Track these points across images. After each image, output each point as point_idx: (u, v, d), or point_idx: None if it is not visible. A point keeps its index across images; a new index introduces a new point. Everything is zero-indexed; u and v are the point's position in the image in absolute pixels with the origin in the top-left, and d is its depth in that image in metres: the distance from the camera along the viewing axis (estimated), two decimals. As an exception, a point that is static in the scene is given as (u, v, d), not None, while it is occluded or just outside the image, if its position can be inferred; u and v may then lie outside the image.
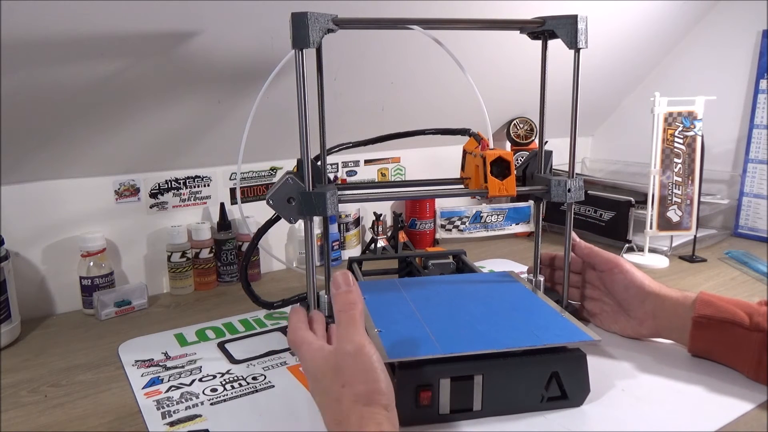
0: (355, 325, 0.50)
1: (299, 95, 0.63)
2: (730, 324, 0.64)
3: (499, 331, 0.61)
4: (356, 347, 0.48)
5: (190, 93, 0.87)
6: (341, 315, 0.51)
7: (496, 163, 0.70)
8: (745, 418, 0.58)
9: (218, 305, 0.92)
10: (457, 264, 0.91)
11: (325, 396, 0.49)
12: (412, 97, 1.11)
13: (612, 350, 0.72)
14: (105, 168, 0.91)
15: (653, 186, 1.06)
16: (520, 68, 1.13)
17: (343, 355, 0.49)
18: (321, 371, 0.51)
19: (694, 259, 1.10)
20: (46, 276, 0.89)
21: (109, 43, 0.72)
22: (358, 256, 0.98)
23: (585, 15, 0.68)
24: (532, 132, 1.32)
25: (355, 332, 0.50)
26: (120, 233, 0.94)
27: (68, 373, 0.70)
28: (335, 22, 0.64)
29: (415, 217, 1.21)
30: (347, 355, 0.49)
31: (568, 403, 0.59)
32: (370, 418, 0.44)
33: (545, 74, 0.76)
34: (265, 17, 0.79)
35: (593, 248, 0.77)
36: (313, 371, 0.52)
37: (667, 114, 1.05)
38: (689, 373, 0.66)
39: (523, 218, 1.27)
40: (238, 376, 0.67)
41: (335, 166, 1.15)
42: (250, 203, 1.06)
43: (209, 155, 0.99)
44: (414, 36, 0.71)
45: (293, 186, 0.67)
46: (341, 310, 0.51)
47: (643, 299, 0.72)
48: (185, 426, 0.57)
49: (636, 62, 1.37)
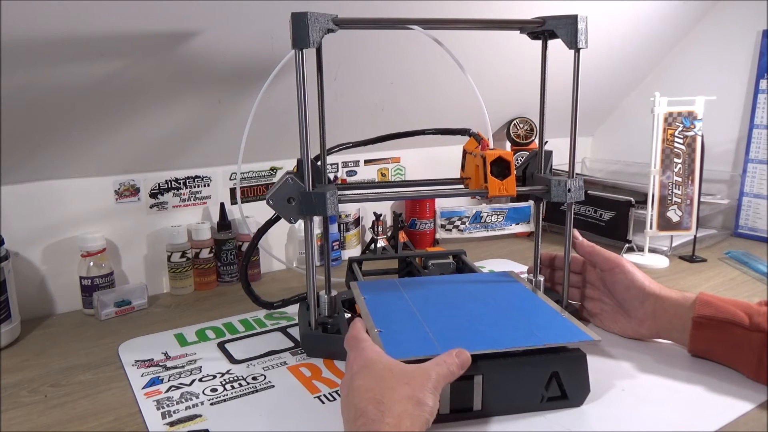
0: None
1: (299, 95, 0.63)
2: (730, 324, 0.64)
3: (499, 331, 0.61)
4: (428, 374, 0.51)
5: (190, 93, 0.87)
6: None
7: (496, 163, 0.70)
8: (745, 418, 0.58)
9: (218, 305, 0.92)
10: (457, 264, 0.91)
11: (378, 381, 0.50)
12: (412, 97, 1.11)
13: (612, 350, 0.72)
14: (105, 168, 0.91)
15: (653, 186, 1.06)
16: (520, 68, 1.13)
17: (418, 368, 0.52)
18: (387, 363, 0.52)
19: (694, 259, 1.10)
20: (46, 276, 0.89)
21: (109, 43, 0.72)
22: (358, 256, 0.98)
23: (585, 15, 0.68)
24: (532, 132, 1.32)
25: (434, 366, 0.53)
26: (120, 233, 0.94)
27: (68, 373, 0.70)
28: (335, 22, 0.64)
29: (415, 217, 1.21)
30: (422, 369, 0.52)
31: (568, 403, 0.59)
32: (409, 415, 0.46)
33: (545, 74, 0.76)
34: (265, 17, 0.79)
35: (595, 247, 0.77)
36: (375, 359, 0.53)
37: (667, 114, 1.05)
38: (689, 373, 0.66)
39: (523, 218, 1.27)
40: (238, 376, 0.67)
41: (335, 166, 1.15)
42: (250, 203, 1.06)
43: (209, 155, 0.99)
44: (414, 36, 0.71)
45: (293, 186, 0.67)
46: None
47: (643, 300, 0.72)
48: (185, 426, 0.57)
49: (636, 62, 1.37)
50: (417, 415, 0.47)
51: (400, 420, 0.45)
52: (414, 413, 0.47)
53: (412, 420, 0.46)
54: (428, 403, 0.48)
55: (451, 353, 0.54)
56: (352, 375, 0.52)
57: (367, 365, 0.53)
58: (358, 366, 0.53)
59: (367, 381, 0.50)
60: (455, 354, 0.54)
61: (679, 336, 0.70)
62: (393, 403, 0.47)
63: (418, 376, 0.50)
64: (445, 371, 0.52)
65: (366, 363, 0.53)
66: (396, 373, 0.51)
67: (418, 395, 0.48)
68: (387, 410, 0.46)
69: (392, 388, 0.49)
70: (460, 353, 0.54)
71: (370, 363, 0.53)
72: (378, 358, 0.54)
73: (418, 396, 0.48)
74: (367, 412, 0.46)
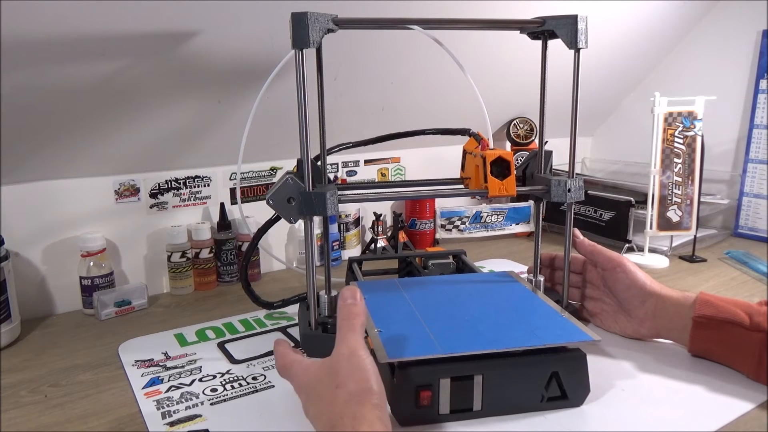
0: (353, 332, 0.52)
1: (299, 95, 0.63)
2: (730, 324, 0.64)
3: (499, 331, 0.61)
4: (351, 350, 0.51)
5: (190, 93, 0.87)
6: (343, 323, 0.53)
7: (496, 163, 0.70)
8: (745, 418, 0.58)
9: (218, 305, 0.92)
10: (457, 264, 0.91)
11: (319, 402, 0.49)
12: (412, 97, 1.11)
13: (612, 350, 0.72)
14: (105, 168, 0.91)
15: (653, 186, 1.06)
16: (520, 68, 1.13)
17: (338, 358, 0.51)
18: (316, 378, 0.51)
19: (694, 259, 1.10)
20: (46, 276, 0.89)
21: (109, 43, 0.72)
22: (358, 256, 0.98)
23: (585, 15, 0.68)
24: (532, 132, 1.32)
25: (352, 338, 0.52)
26: (120, 233, 0.94)
27: (68, 373, 0.70)
28: (335, 22, 0.64)
29: (415, 217, 1.21)
30: (342, 356, 0.50)
31: (568, 403, 0.59)
32: (362, 418, 0.45)
33: (545, 74, 0.76)
34: (265, 17, 0.79)
35: (596, 246, 0.77)
36: (307, 383, 0.52)
37: (667, 114, 1.05)
38: (689, 373, 0.66)
39: (523, 218, 1.27)
40: (238, 376, 0.67)
41: (335, 166, 1.15)
42: (250, 203, 1.06)
43: (209, 155, 0.99)
44: (414, 36, 0.71)
45: (293, 186, 0.67)
46: (344, 318, 0.54)
47: (643, 299, 0.72)
48: (185, 426, 0.57)
49: (636, 62, 1.37)
50: (365, 413, 0.45)
51: (359, 428, 0.44)
52: (361, 414, 0.45)
53: (365, 422, 0.45)
54: (365, 387, 0.47)
55: (342, 302, 0.55)
56: (305, 408, 0.52)
57: (305, 391, 0.52)
58: (302, 396, 0.53)
59: (314, 408, 0.50)
60: (345, 297, 0.55)
61: (679, 336, 0.70)
62: (341, 417, 0.45)
63: (336, 366, 0.50)
64: (348, 326, 0.52)
65: (302, 389, 0.53)
66: (325, 382, 0.49)
67: (352, 389, 0.47)
68: (341, 429, 0.45)
69: (332, 402, 0.47)
70: (344, 291, 0.55)
71: (305, 388, 0.52)
72: (306, 377, 0.53)
73: (352, 389, 0.47)
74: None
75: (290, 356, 0.57)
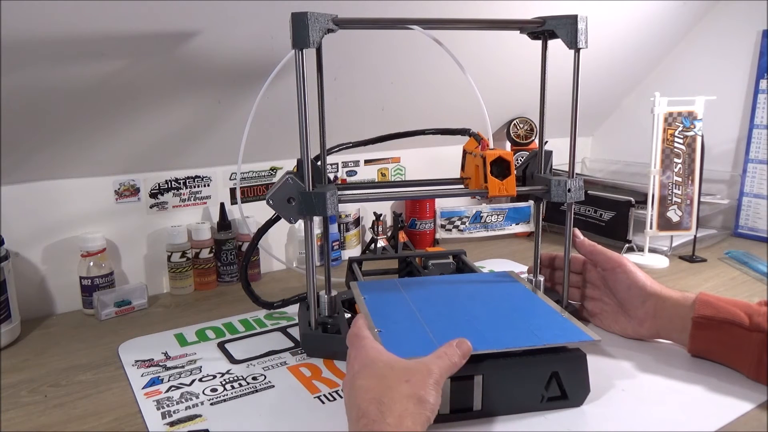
0: (441, 362, 0.53)
1: (299, 95, 0.63)
2: (730, 324, 0.64)
3: (499, 331, 0.61)
4: (436, 376, 0.51)
5: (190, 93, 0.87)
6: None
7: (496, 163, 0.70)
8: (745, 418, 0.58)
9: (218, 305, 0.92)
10: (457, 264, 0.91)
11: (378, 381, 0.50)
12: (412, 97, 1.11)
13: (612, 350, 0.72)
14: (105, 168, 0.91)
15: (653, 186, 1.06)
16: (520, 68, 1.13)
17: (420, 367, 0.51)
18: (388, 362, 0.52)
19: (694, 259, 1.10)
20: (46, 276, 0.89)
21: (109, 43, 0.72)
22: (358, 256, 0.98)
23: (585, 15, 0.68)
24: (532, 132, 1.32)
25: (438, 367, 0.52)
26: (120, 233, 0.94)
27: (68, 373, 0.70)
28: (335, 22, 0.64)
29: (415, 217, 1.21)
30: (425, 367, 0.51)
31: (568, 403, 0.59)
32: (410, 416, 0.46)
33: (545, 74, 0.76)
34: (265, 17, 0.79)
35: (597, 246, 0.77)
36: (375, 359, 0.53)
37: (667, 114, 1.05)
38: (689, 373, 0.66)
39: (523, 218, 1.27)
40: (238, 376, 0.67)
41: (335, 166, 1.15)
42: (250, 203, 1.06)
43: (209, 155, 0.99)
44: (414, 36, 0.71)
45: (293, 186, 0.67)
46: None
47: (644, 300, 0.72)
48: (185, 426, 0.57)
49: (636, 62, 1.37)
50: (418, 413, 0.47)
51: (401, 420, 0.46)
52: (415, 412, 0.47)
53: (413, 419, 0.46)
54: (429, 400, 0.48)
55: (452, 344, 0.54)
56: (354, 374, 0.52)
57: (367, 364, 0.53)
58: (359, 365, 0.53)
59: (368, 381, 0.50)
60: (456, 344, 0.54)
61: (679, 336, 0.70)
62: (393, 402, 0.47)
63: (418, 372, 0.50)
64: (447, 363, 0.52)
65: (367, 362, 0.53)
66: (397, 370, 0.51)
67: (419, 393, 0.48)
68: (388, 410, 0.46)
69: (393, 387, 0.49)
70: (460, 343, 0.55)
71: (371, 362, 0.53)
72: (378, 356, 0.54)
73: (419, 393, 0.48)
74: (369, 412, 0.46)
75: (366, 331, 0.58)
